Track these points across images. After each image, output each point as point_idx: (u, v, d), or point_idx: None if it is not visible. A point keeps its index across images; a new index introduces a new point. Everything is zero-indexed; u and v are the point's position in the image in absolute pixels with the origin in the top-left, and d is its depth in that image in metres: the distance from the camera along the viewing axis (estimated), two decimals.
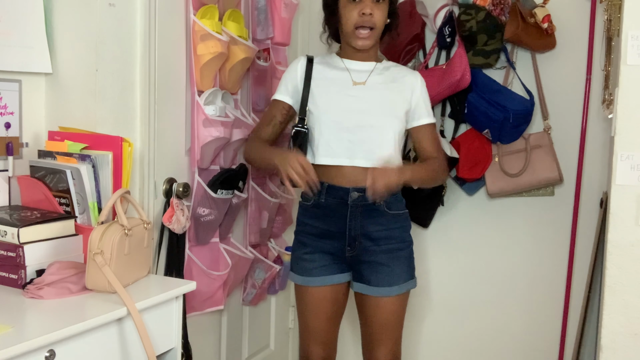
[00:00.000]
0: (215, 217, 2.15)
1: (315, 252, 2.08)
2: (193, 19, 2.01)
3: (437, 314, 2.83)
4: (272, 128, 2.13)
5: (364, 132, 2.00)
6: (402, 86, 2.08)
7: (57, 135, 1.82)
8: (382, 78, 2.07)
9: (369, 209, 2.01)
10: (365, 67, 2.08)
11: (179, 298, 1.68)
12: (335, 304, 2.12)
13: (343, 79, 2.06)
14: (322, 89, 2.06)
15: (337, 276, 2.08)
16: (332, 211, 2.03)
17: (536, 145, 2.51)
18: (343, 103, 2.02)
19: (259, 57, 2.35)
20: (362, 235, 2.03)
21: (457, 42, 2.53)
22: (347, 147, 2.00)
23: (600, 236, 2.37)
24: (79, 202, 1.74)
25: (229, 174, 2.16)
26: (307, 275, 2.08)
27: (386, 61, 2.15)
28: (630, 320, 1.81)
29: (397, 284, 2.04)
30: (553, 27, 2.46)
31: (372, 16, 1.96)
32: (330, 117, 2.02)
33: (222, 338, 2.43)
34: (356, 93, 2.03)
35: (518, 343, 2.71)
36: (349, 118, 2.00)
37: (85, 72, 1.83)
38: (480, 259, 2.74)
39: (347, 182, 2.01)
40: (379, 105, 2.03)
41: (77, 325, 1.34)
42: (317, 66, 2.09)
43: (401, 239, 2.08)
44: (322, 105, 2.03)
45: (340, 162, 2.01)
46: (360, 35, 1.99)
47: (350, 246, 2.04)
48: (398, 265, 2.05)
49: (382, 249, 2.03)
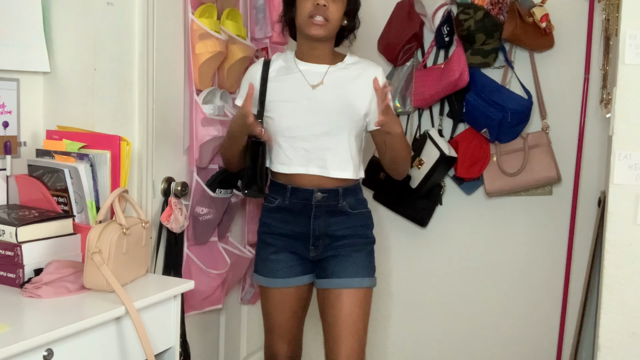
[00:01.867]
0: (214, 216, 2.15)
1: (280, 252, 2.06)
2: (191, 18, 2.00)
3: (435, 312, 2.83)
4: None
5: (319, 141, 1.97)
6: (361, 87, 2.00)
7: (55, 134, 1.82)
8: (339, 79, 2.01)
9: (332, 209, 2.01)
10: (320, 69, 2.02)
11: (177, 297, 1.68)
12: (299, 302, 2.11)
13: (299, 83, 2.01)
14: (278, 95, 2.02)
15: (300, 278, 2.07)
16: (297, 212, 2.02)
17: (534, 145, 2.52)
18: (298, 111, 1.99)
19: (257, 56, 2.35)
20: (326, 235, 2.02)
21: (455, 42, 2.53)
22: (303, 156, 1.99)
23: (598, 235, 2.37)
24: (77, 201, 1.73)
25: (228, 173, 2.16)
26: (271, 276, 2.07)
27: (348, 57, 2.07)
28: (628, 319, 1.81)
29: (360, 277, 2.02)
30: (551, 26, 2.46)
31: (327, 8, 1.92)
32: (285, 125, 1.99)
33: (220, 337, 2.43)
34: (312, 98, 1.98)
35: (516, 342, 2.71)
36: (304, 127, 1.98)
37: (84, 71, 1.83)
38: (478, 258, 2.74)
39: (309, 185, 2.00)
40: (335, 110, 1.98)
41: (75, 324, 1.34)
42: (273, 72, 2.05)
43: (364, 235, 2.07)
44: (278, 113, 2.00)
45: (296, 171, 2.00)
46: (314, 22, 1.93)
47: (314, 246, 2.03)
48: (360, 258, 2.04)
49: (345, 243, 2.03)
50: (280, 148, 2.01)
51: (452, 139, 2.65)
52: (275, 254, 2.06)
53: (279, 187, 2.03)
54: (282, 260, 2.06)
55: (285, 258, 2.06)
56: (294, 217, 2.02)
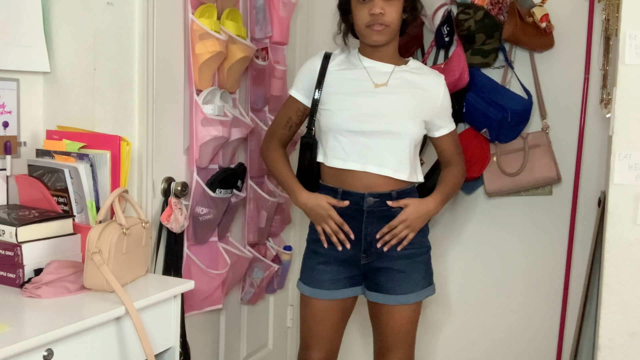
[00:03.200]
0: (214, 216, 2.15)
1: (329, 263, 2.01)
2: (191, 18, 2.00)
3: (434, 312, 2.83)
4: (288, 130, 2.08)
5: (380, 138, 1.93)
6: (425, 92, 2.00)
7: (55, 134, 1.82)
8: (404, 81, 1.98)
9: (385, 215, 1.95)
10: (385, 69, 1.99)
11: (177, 297, 1.68)
12: (341, 314, 2.07)
13: (362, 79, 1.99)
14: (338, 88, 1.98)
15: (347, 290, 2.03)
16: (348, 217, 1.96)
17: (534, 145, 2.52)
18: (361, 105, 1.95)
19: (258, 56, 2.35)
20: (378, 241, 1.97)
21: (455, 42, 2.53)
22: (361, 152, 1.93)
23: (598, 235, 2.37)
24: (77, 201, 1.73)
25: (228, 173, 2.16)
26: (316, 287, 2.02)
27: (412, 62, 2.05)
28: (628, 319, 1.81)
29: (415, 292, 1.98)
30: (551, 26, 2.46)
31: (383, 15, 1.88)
32: (346, 119, 1.94)
33: (220, 337, 2.43)
34: (376, 95, 1.96)
35: (516, 342, 2.71)
36: (366, 121, 1.93)
37: (84, 71, 1.83)
38: (478, 258, 2.74)
39: (362, 187, 1.94)
40: (399, 110, 1.95)
41: (75, 325, 1.34)
42: (334, 65, 2.02)
43: (419, 244, 2.01)
44: (340, 106, 1.95)
45: (352, 167, 1.94)
46: (374, 29, 1.90)
47: (365, 253, 1.98)
48: (415, 271, 1.99)
49: (399, 254, 1.98)
50: (338, 142, 1.95)
51: None
52: (324, 265, 2.02)
53: (329, 191, 1.98)
54: (330, 272, 2.01)
55: (334, 270, 2.01)
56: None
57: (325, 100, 1.99)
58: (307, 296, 2.05)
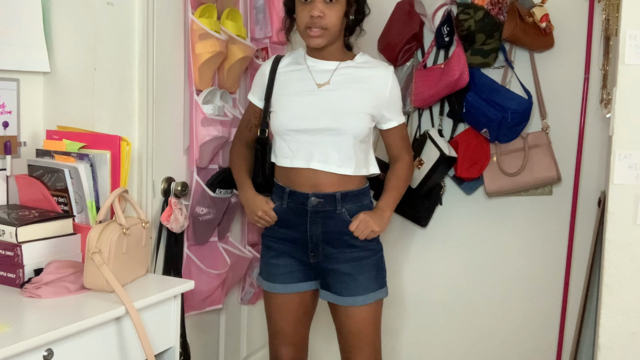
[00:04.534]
0: (214, 216, 2.15)
1: (281, 256, 2.03)
2: (191, 18, 2.00)
3: (434, 312, 2.83)
4: (249, 131, 2.11)
5: (323, 135, 1.94)
6: (371, 86, 1.98)
7: (55, 134, 1.82)
8: (347, 78, 1.98)
9: (329, 216, 1.96)
10: (328, 67, 1.99)
11: (177, 297, 1.68)
12: (301, 308, 2.08)
13: (305, 80, 2.00)
14: (284, 89, 2.01)
15: (302, 284, 2.05)
16: (294, 217, 1.98)
17: (534, 145, 2.52)
18: (303, 105, 1.97)
19: (257, 56, 2.35)
20: (324, 242, 1.98)
21: (455, 42, 2.53)
22: (307, 150, 1.95)
23: (598, 235, 2.37)
24: (77, 201, 1.73)
25: (228, 173, 2.16)
26: (272, 281, 2.05)
27: (359, 56, 2.03)
28: (628, 319, 1.81)
29: (362, 294, 1.98)
30: (551, 26, 2.46)
31: (322, 18, 1.88)
32: (289, 119, 1.96)
33: (220, 337, 2.43)
34: (318, 94, 1.97)
35: (516, 342, 2.71)
36: (308, 120, 1.95)
37: (84, 71, 1.83)
38: (478, 258, 2.74)
39: (307, 187, 1.96)
40: (341, 107, 1.95)
41: (75, 324, 1.34)
42: (282, 67, 2.05)
43: (366, 246, 1.99)
44: (283, 107, 1.98)
45: (298, 165, 1.96)
46: (311, 34, 1.91)
47: (313, 252, 1.99)
48: (362, 273, 1.98)
49: (345, 257, 1.98)
50: (284, 142, 1.99)
51: (452, 139, 2.65)
52: (276, 258, 2.05)
53: (279, 189, 2.02)
54: (283, 265, 2.04)
55: (286, 263, 2.04)
56: (292, 221, 1.99)
57: (273, 102, 2.03)
58: (267, 291, 2.09)
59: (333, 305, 2.05)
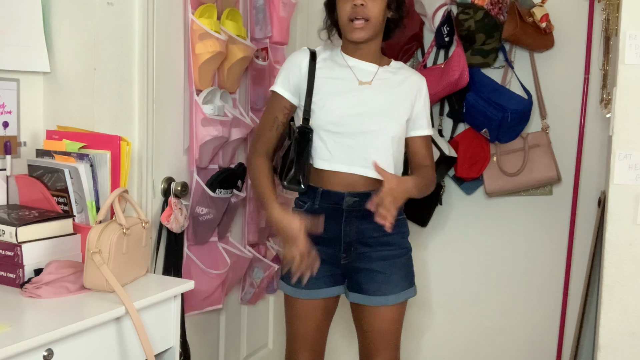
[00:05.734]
0: (214, 217, 2.15)
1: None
2: (191, 18, 2.00)
3: (434, 312, 2.83)
4: (275, 132, 2.02)
5: (364, 138, 1.92)
6: (408, 91, 1.99)
7: (55, 134, 1.82)
8: (387, 81, 1.98)
9: (364, 214, 1.92)
10: (370, 68, 1.98)
11: (177, 297, 1.68)
12: (324, 314, 2.06)
13: (347, 78, 1.97)
14: (325, 87, 1.96)
15: (328, 290, 2.01)
16: (326, 217, 1.94)
17: (534, 145, 2.52)
18: (345, 105, 1.94)
19: (258, 56, 2.35)
20: (358, 242, 1.95)
21: (455, 42, 2.53)
22: (346, 153, 1.93)
23: (598, 235, 2.37)
24: (77, 201, 1.73)
25: (228, 173, 2.16)
26: (297, 286, 2.00)
27: (394, 62, 2.05)
28: (628, 319, 1.81)
29: (394, 293, 1.97)
30: (551, 26, 2.46)
31: (365, 7, 1.87)
32: (331, 120, 1.93)
33: (220, 337, 2.43)
34: (360, 94, 1.95)
35: (516, 342, 2.71)
36: (351, 122, 1.92)
37: (84, 71, 1.83)
38: (478, 258, 2.74)
39: (342, 187, 1.94)
40: (382, 110, 1.94)
41: (75, 325, 1.34)
42: (321, 62, 2.00)
43: (399, 245, 2.00)
44: (324, 106, 1.94)
45: (338, 169, 1.94)
46: (355, 26, 1.89)
47: (345, 253, 1.97)
48: (395, 272, 1.98)
49: (378, 255, 1.96)
50: (322, 142, 1.95)
51: (452, 139, 2.65)
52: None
53: (310, 189, 1.98)
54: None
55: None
56: (324, 222, 1.94)
57: (314, 100, 1.97)
58: (290, 296, 2.05)
59: (359, 307, 2.01)
